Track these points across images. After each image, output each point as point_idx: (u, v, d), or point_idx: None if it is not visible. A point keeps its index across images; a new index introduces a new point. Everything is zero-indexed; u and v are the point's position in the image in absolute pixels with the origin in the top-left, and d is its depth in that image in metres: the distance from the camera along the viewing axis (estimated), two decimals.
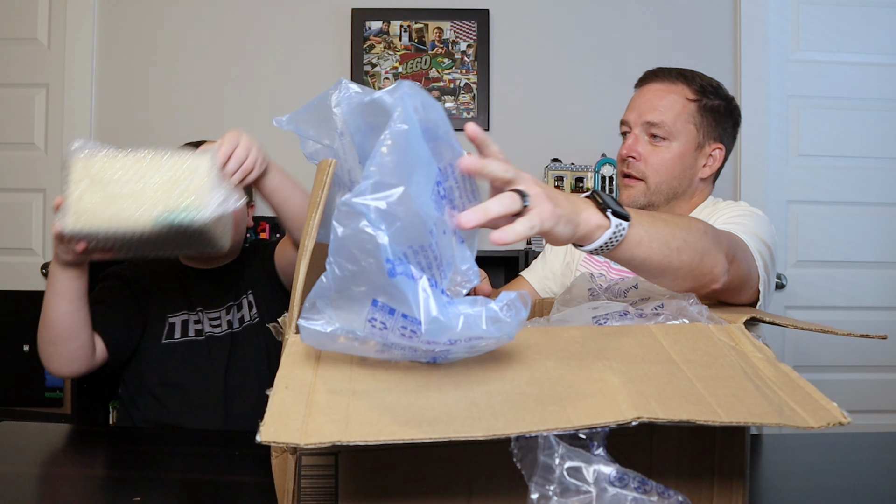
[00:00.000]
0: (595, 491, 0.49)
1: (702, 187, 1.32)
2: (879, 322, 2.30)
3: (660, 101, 1.25)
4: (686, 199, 1.31)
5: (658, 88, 1.27)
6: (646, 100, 1.27)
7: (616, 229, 0.70)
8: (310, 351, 0.57)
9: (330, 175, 0.73)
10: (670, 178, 1.26)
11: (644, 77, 1.33)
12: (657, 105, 1.25)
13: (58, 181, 2.28)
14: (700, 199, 1.33)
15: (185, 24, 2.32)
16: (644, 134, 1.26)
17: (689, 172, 1.27)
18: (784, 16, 2.30)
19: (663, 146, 1.24)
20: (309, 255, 0.68)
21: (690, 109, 1.25)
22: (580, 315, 0.78)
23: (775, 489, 0.84)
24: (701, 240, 0.83)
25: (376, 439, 0.44)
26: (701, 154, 1.28)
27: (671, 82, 1.26)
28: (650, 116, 1.24)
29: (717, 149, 1.30)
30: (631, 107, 1.30)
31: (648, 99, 1.26)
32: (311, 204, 0.71)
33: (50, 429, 1.09)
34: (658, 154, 1.24)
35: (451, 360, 0.54)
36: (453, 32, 2.28)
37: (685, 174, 1.27)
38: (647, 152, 1.25)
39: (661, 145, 1.24)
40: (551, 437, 0.49)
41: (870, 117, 2.31)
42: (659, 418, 0.46)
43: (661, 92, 1.26)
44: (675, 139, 1.24)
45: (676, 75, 1.27)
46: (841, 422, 0.46)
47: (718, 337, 0.61)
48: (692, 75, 1.28)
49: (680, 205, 1.31)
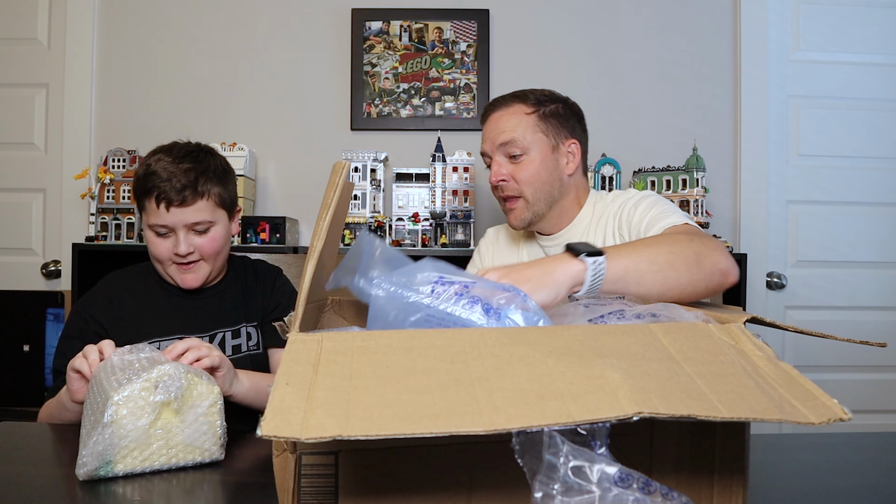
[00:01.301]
0: (598, 491, 0.48)
1: (575, 182, 1.40)
2: (879, 322, 2.30)
3: (505, 124, 1.36)
4: (569, 200, 1.40)
5: (500, 115, 1.38)
6: (493, 127, 1.38)
7: (594, 266, 0.78)
8: (311, 348, 0.57)
9: (342, 177, 0.74)
10: (541, 184, 1.35)
11: (485, 111, 1.43)
12: (504, 128, 1.35)
13: (58, 181, 2.29)
14: (583, 194, 1.42)
15: (184, 24, 2.32)
16: (503, 157, 1.36)
17: (556, 174, 1.36)
18: (784, 16, 2.30)
19: (524, 161, 1.34)
20: (317, 255, 0.68)
21: (532, 121, 1.35)
22: (574, 310, 0.79)
23: (775, 489, 0.84)
24: (687, 246, 0.90)
25: (377, 434, 0.44)
26: (559, 154, 1.37)
27: (507, 105, 1.37)
28: (501, 139, 1.35)
29: (571, 144, 1.39)
30: (483, 139, 1.41)
31: (495, 126, 1.37)
32: (323, 206, 0.72)
33: (50, 429, 1.09)
34: (523, 169, 1.34)
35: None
36: (453, 32, 2.29)
37: (553, 177, 1.36)
38: (512, 171, 1.35)
39: (522, 161, 1.34)
40: (556, 436, 0.49)
41: (870, 117, 2.31)
42: (660, 413, 0.46)
43: (503, 117, 1.37)
44: (531, 150, 1.34)
45: (511, 98, 1.38)
46: (842, 418, 0.46)
47: (719, 336, 0.61)
48: (524, 94, 1.39)
49: (565, 206, 1.39)
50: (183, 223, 1.25)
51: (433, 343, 0.58)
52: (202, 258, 1.29)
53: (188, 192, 1.24)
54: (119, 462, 0.84)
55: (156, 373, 0.87)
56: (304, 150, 2.30)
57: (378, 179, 2.14)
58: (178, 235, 1.26)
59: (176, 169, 1.24)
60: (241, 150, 2.13)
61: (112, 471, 0.83)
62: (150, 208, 1.25)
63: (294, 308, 0.68)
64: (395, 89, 2.29)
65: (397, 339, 0.59)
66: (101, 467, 0.82)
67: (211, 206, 1.28)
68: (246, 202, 2.12)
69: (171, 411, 0.87)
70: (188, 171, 1.24)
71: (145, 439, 0.85)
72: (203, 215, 1.26)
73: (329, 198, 0.72)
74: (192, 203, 1.24)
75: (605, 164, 2.06)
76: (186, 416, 0.88)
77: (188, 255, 1.27)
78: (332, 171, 0.75)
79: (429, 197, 2.12)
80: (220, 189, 1.29)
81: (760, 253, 2.26)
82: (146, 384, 0.86)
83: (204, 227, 1.27)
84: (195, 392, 0.89)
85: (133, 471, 0.85)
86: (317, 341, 0.58)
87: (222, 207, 1.31)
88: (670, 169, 2.06)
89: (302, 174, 2.30)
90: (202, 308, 1.35)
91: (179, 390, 0.86)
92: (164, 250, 1.27)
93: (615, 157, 2.08)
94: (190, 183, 1.24)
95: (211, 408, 0.90)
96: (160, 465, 0.87)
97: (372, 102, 2.29)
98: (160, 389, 0.85)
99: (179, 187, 1.23)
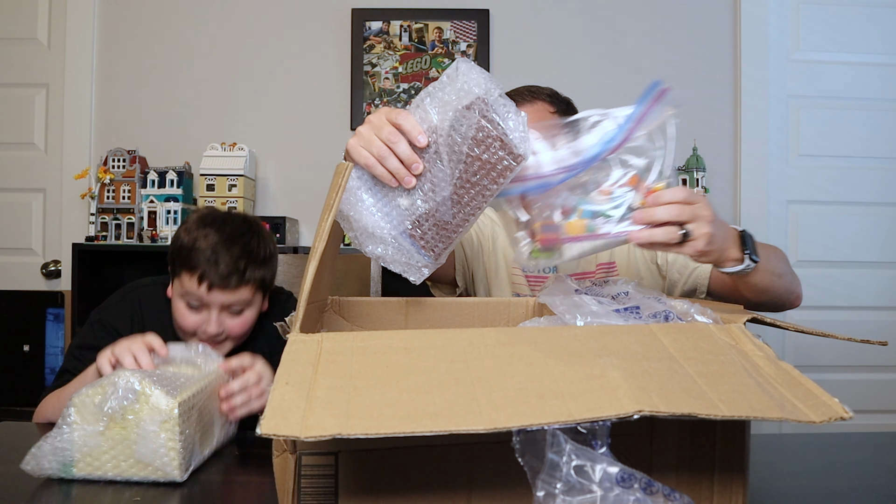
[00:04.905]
0: (600, 491, 0.48)
1: None
2: (879, 322, 2.30)
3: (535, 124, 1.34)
4: None
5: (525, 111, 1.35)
6: None
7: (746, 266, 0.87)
8: (311, 348, 0.57)
9: (345, 179, 0.74)
10: None
11: None
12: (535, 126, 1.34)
13: (58, 181, 2.29)
14: None
15: (184, 24, 2.32)
16: None
17: None
18: (784, 16, 2.30)
19: None
20: (319, 256, 0.68)
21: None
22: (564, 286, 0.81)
23: (775, 489, 0.84)
24: (787, 266, 1.05)
25: (377, 432, 0.44)
26: None
27: (529, 102, 1.33)
28: None
29: None
30: None
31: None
32: (326, 206, 0.72)
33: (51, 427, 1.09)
34: None
35: None
36: (453, 32, 2.29)
37: None
38: None
39: None
40: (559, 435, 0.49)
41: (870, 117, 2.31)
42: (660, 412, 0.46)
43: (528, 115, 1.34)
44: None
45: (528, 95, 1.34)
46: (842, 417, 0.46)
47: (719, 336, 0.61)
48: (537, 90, 1.35)
49: None
50: (220, 304, 1.19)
51: (433, 343, 0.58)
52: (228, 337, 1.23)
53: (234, 278, 1.17)
54: (74, 465, 0.81)
55: (106, 379, 0.82)
56: (304, 150, 2.30)
57: None
58: (210, 314, 1.19)
59: (226, 254, 1.17)
60: (240, 150, 2.13)
61: (71, 473, 0.81)
62: (188, 282, 1.18)
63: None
64: (395, 89, 2.29)
65: (397, 339, 0.59)
66: (60, 469, 0.81)
67: (251, 291, 1.22)
68: (246, 202, 2.12)
69: (117, 423, 0.81)
70: (238, 259, 1.18)
71: (95, 446, 0.81)
72: (244, 297, 1.20)
73: (332, 199, 0.72)
74: (235, 290, 1.18)
75: None
76: (135, 430, 0.81)
77: (217, 333, 1.21)
78: (336, 172, 0.74)
79: None
80: (263, 273, 1.23)
81: None
82: (98, 389, 0.82)
83: (238, 309, 1.21)
84: (147, 405, 0.81)
85: (89, 476, 0.81)
86: (317, 341, 0.58)
87: (261, 290, 1.25)
88: None
89: (302, 174, 2.30)
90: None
91: (123, 401, 0.81)
92: (193, 324, 1.20)
93: None
94: (237, 271, 1.17)
95: (164, 424, 0.81)
96: (113, 476, 0.82)
97: (372, 102, 2.29)
98: (109, 398, 0.81)
99: (226, 273, 1.16)
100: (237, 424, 1.01)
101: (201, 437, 0.89)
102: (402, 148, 0.75)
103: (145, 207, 2.08)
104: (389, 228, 0.78)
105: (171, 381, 0.86)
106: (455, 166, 0.75)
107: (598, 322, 0.74)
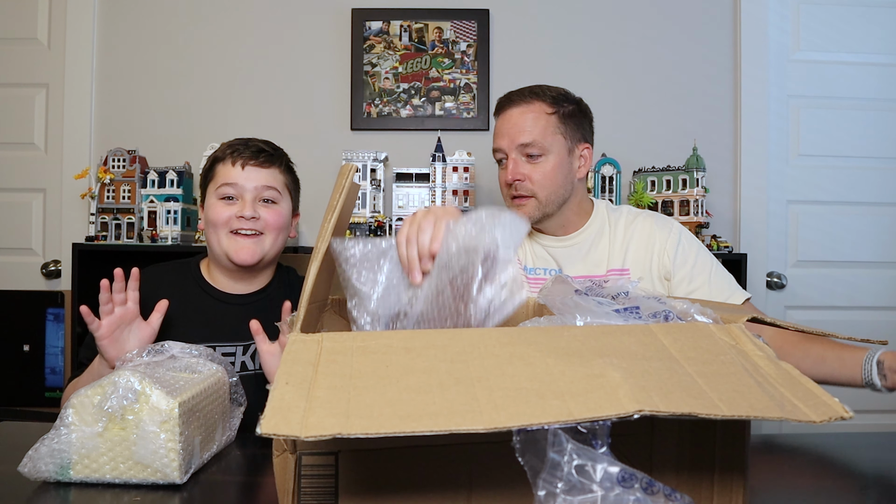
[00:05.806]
0: (601, 491, 0.48)
1: (581, 185, 1.41)
2: (879, 322, 2.30)
3: (525, 123, 1.33)
4: (575, 202, 1.39)
5: (519, 112, 1.35)
6: (512, 125, 1.34)
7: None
8: (311, 348, 0.57)
9: (349, 179, 0.74)
10: (556, 187, 1.34)
11: (501, 104, 1.40)
12: (524, 127, 1.33)
13: (58, 181, 2.29)
14: (584, 197, 1.43)
15: (185, 24, 2.32)
16: (520, 156, 1.34)
17: (569, 177, 1.36)
18: (784, 16, 2.30)
19: (541, 162, 1.33)
20: (321, 256, 0.68)
21: (553, 121, 1.33)
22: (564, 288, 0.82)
23: (775, 489, 0.84)
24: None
25: (377, 432, 0.44)
26: (574, 158, 1.37)
27: (527, 102, 1.34)
28: (521, 139, 1.32)
29: (585, 149, 1.39)
30: (500, 134, 1.37)
31: (514, 123, 1.34)
32: (329, 208, 0.72)
33: (50, 429, 1.09)
34: (539, 170, 1.33)
35: None
36: (453, 32, 2.29)
37: (566, 179, 1.36)
38: (529, 171, 1.34)
39: (539, 162, 1.33)
40: (561, 434, 0.49)
41: (870, 117, 2.31)
42: (661, 411, 0.46)
43: (524, 114, 1.34)
44: (550, 152, 1.33)
45: (530, 95, 1.35)
46: (843, 416, 0.46)
47: (719, 336, 0.61)
48: (541, 90, 1.36)
49: (571, 208, 1.39)
50: (254, 186, 1.26)
51: (433, 343, 0.58)
52: (264, 230, 1.27)
53: (265, 155, 1.28)
54: (72, 468, 0.81)
55: (106, 379, 0.82)
56: (303, 150, 2.29)
57: (378, 179, 2.14)
58: (245, 200, 1.26)
59: (254, 140, 1.31)
60: None
61: (68, 476, 0.81)
62: (223, 171, 1.27)
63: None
64: (395, 89, 2.29)
65: (397, 339, 0.59)
66: (57, 472, 0.80)
67: (282, 180, 1.31)
68: None
69: (116, 423, 0.81)
70: (266, 143, 1.32)
71: (94, 447, 0.80)
72: (275, 182, 1.29)
73: (335, 200, 0.72)
74: (269, 167, 1.28)
75: (605, 164, 2.06)
76: (134, 431, 0.80)
77: (251, 220, 1.25)
78: (339, 173, 0.75)
79: (429, 197, 2.12)
80: (290, 174, 1.35)
81: (760, 253, 2.26)
82: (98, 390, 0.81)
83: (272, 197, 1.29)
84: (147, 405, 0.81)
85: (87, 479, 0.81)
86: (317, 341, 0.58)
87: (289, 192, 1.34)
88: (670, 169, 2.06)
89: (302, 174, 2.26)
90: (243, 315, 1.24)
91: (123, 400, 0.80)
92: (227, 214, 1.25)
93: (615, 157, 2.08)
94: (267, 149, 1.30)
95: (164, 424, 0.80)
96: (111, 479, 0.81)
97: (372, 102, 2.29)
98: (108, 397, 0.80)
99: (257, 150, 1.28)
100: (237, 428, 1.01)
101: (202, 440, 0.88)
102: (424, 239, 0.79)
103: (145, 207, 2.08)
104: (382, 310, 0.81)
105: (171, 382, 0.86)
106: (442, 287, 0.78)
107: (597, 322, 0.74)
